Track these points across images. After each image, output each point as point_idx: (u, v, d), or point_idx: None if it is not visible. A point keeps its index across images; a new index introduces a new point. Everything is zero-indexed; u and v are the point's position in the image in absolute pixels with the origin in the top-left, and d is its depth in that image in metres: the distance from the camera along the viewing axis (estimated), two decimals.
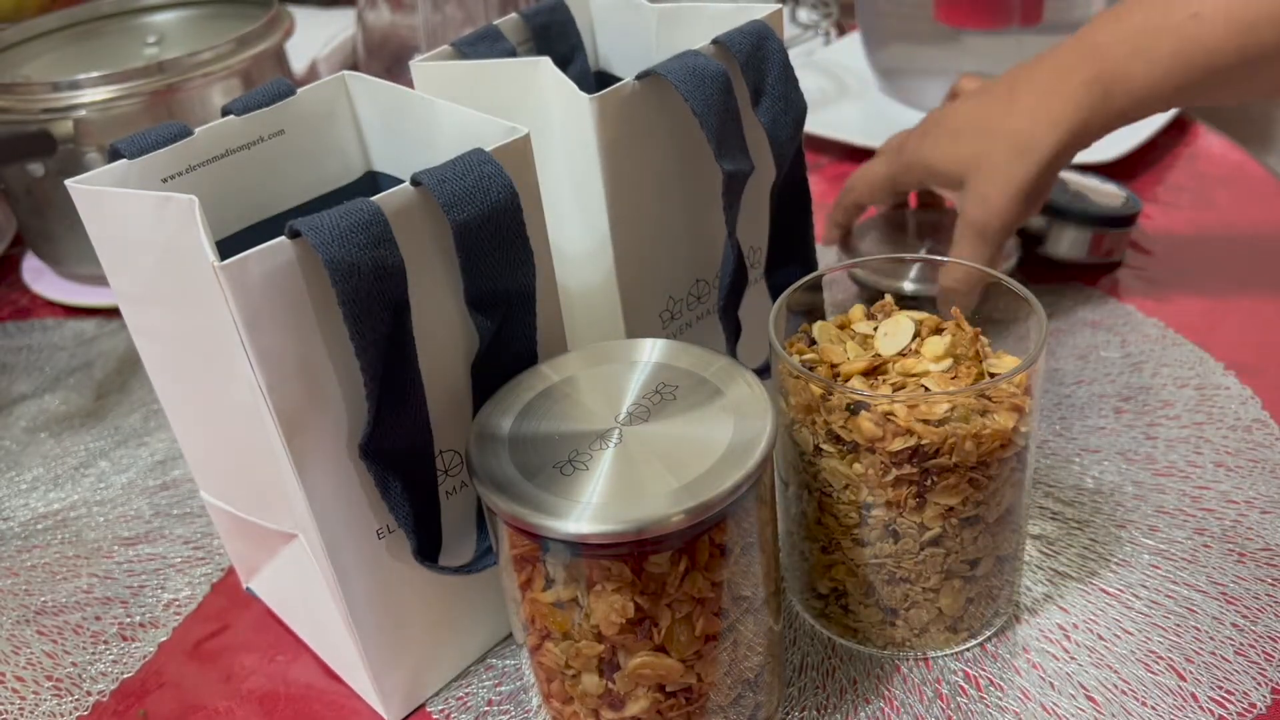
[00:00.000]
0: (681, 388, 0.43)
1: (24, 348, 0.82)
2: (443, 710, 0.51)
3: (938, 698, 0.48)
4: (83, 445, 0.71)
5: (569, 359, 0.46)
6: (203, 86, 0.80)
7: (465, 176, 0.41)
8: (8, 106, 0.78)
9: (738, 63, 0.49)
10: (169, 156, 0.46)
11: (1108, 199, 0.74)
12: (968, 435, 0.43)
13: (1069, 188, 0.74)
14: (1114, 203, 0.73)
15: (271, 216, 0.50)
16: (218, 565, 0.60)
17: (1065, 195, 0.73)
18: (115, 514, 0.65)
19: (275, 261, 0.38)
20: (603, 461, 0.40)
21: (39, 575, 0.61)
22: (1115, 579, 0.53)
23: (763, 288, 0.57)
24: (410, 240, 0.40)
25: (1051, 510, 0.57)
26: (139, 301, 0.46)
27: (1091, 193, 0.74)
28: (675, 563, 0.40)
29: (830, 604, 0.51)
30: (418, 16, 0.96)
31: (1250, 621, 0.50)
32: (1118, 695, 0.47)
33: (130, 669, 0.55)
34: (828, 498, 0.47)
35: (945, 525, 0.45)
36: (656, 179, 0.50)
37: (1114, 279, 0.74)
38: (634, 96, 0.48)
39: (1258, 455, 0.59)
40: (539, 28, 0.57)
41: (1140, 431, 0.61)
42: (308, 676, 0.53)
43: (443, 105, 0.46)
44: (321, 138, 0.51)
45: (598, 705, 0.43)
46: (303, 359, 0.40)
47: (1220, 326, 0.68)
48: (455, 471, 0.47)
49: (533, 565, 0.41)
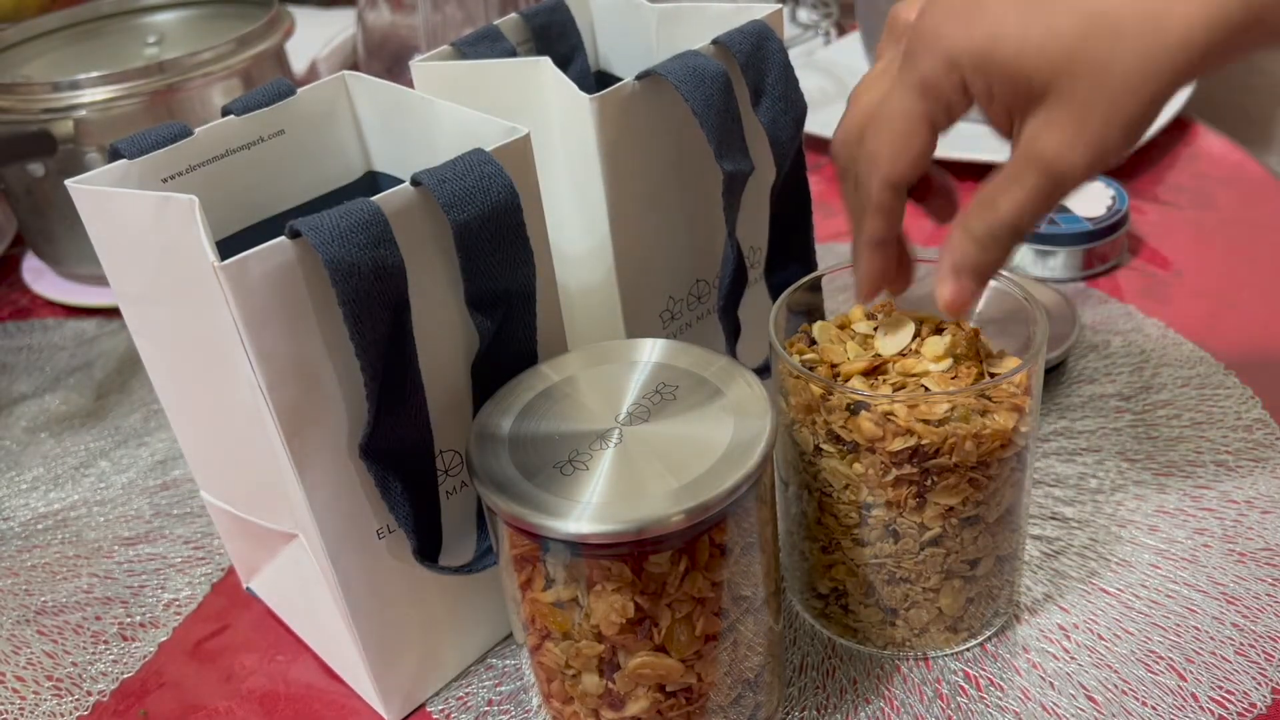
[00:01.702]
0: (681, 388, 0.43)
1: (24, 348, 0.82)
2: (443, 710, 0.51)
3: (938, 698, 0.48)
4: (83, 445, 0.71)
5: (569, 359, 0.46)
6: (203, 86, 0.80)
7: (465, 176, 0.41)
8: (8, 106, 0.78)
9: (738, 63, 0.49)
10: (169, 156, 0.46)
11: (1093, 205, 0.73)
12: (968, 435, 0.43)
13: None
14: (1099, 209, 0.73)
15: (271, 216, 0.50)
16: (218, 565, 0.60)
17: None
18: (115, 514, 0.65)
19: (275, 261, 0.38)
20: (603, 461, 0.40)
21: (39, 575, 0.61)
22: (1115, 579, 0.53)
23: (763, 288, 0.57)
24: (410, 240, 0.40)
25: (1051, 510, 0.57)
26: (139, 301, 0.46)
27: (1074, 201, 0.74)
28: (675, 563, 0.40)
29: (830, 604, 0.51)
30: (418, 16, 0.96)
31: (1250, 621, 0.50)
32: (1118, 695, 0.47)
33: (130, 669, 0.55)
34: (828, 498, 0.47)
35: (945, 525, 0.45)
36: (656, 179, 0.50)
37: (1114, 279, 0.74)
38: (634, 96, 0.48)
39: (1258, 455, 0.59)
40: (539, 28, 0.57)
41: (1140, 431, 0.61)
42: (308, 676, 0.53)
43: (443, 105, 0.46)
44: (321, 138, 0.51)
45: (598, 705, 0.43)
46: (303, 359, 0.40)
47: (1220, 326, 0.68)
48: (455, 471, 0.47)
49: (533, 565, 0.41)
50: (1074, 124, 0.38)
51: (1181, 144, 0.89)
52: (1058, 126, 0.38)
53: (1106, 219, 0.72)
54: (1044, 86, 0.38)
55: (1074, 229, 0.72)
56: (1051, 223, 0.72)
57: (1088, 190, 0.75)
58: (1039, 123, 0.39)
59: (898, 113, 0.42)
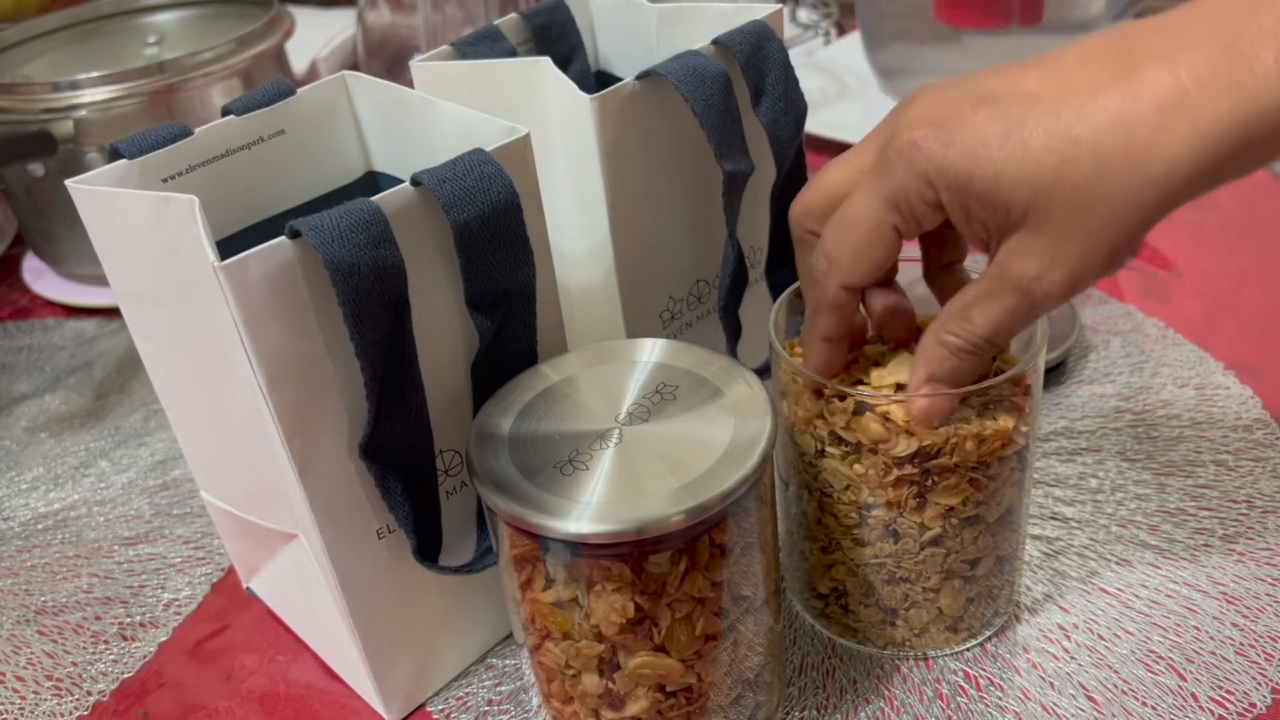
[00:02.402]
0: (681, 388, 0.43)
1: (24, 348, 0.82)
2: (443, 710, 0.51)
3: (938, 697, 0.48)
4: (83, 445, 0.71)
5: (569, 359, 0.46)
6: (203, 86, 0.80)
7: (465, 176, 0.41)
8: (8, 106, 0.78)
9: (738, 63, 0.49)
10: (169, 156, 0.46)
11: None
12: (968, 435, 0.43)
13: None
14: None
15: (271, 216, 0.50)
16: (218, 565, 0.60)
17: None
18: (115, 514, 0.65)
19: (275, 261, 0.38)
20: (603, 461, 0.40)
21: (39, 575, 0.61)
22: (1115, 579, 0.53)
23: (763, 288, 0.57)
24: (410, 240, 0.40)
25: (1051, 510, 0.57)
26: (139, 302, 0.46)
27: None
28: (675, 563, 0.40)
29: (830, 604, 0.51)
30: (418, 16, 0.96)
31: (1250, 621, 0.50)
32: (1118, 695, 0.47)
33: (130, 669, 0.55)
34: (828, 498, 0.47)
35: (945, 525, 0.45)
36: (656, 179, 0.50)
37: (1114, 279, 0.74)
38: (634, 96, 0.48)
39: (1258, 455, 0.59)
40: (539, 28, 0.57)
41: (1140, 431, 0.61)
42: (308, 676, 0.53)
43: (443, 105, 0.46)
44: (321, 138, 0.51)
45: (598, 705, 0.43)
46: (303, 359, 0.40)
47: (1220, 326, 0.68)
48: (455, 471, 0.47)
49: (533, 565, 0.41)
50: (1051, 252, 0.37)
51: None
52: (1035, 254, 0.37)
53: None
54: (1022, 213, 0.37)
55: None
56: None
57: None
58: (1016, 246, 0.38)
59: (864, 219, 0.40)
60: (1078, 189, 0.36)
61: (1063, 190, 0.36)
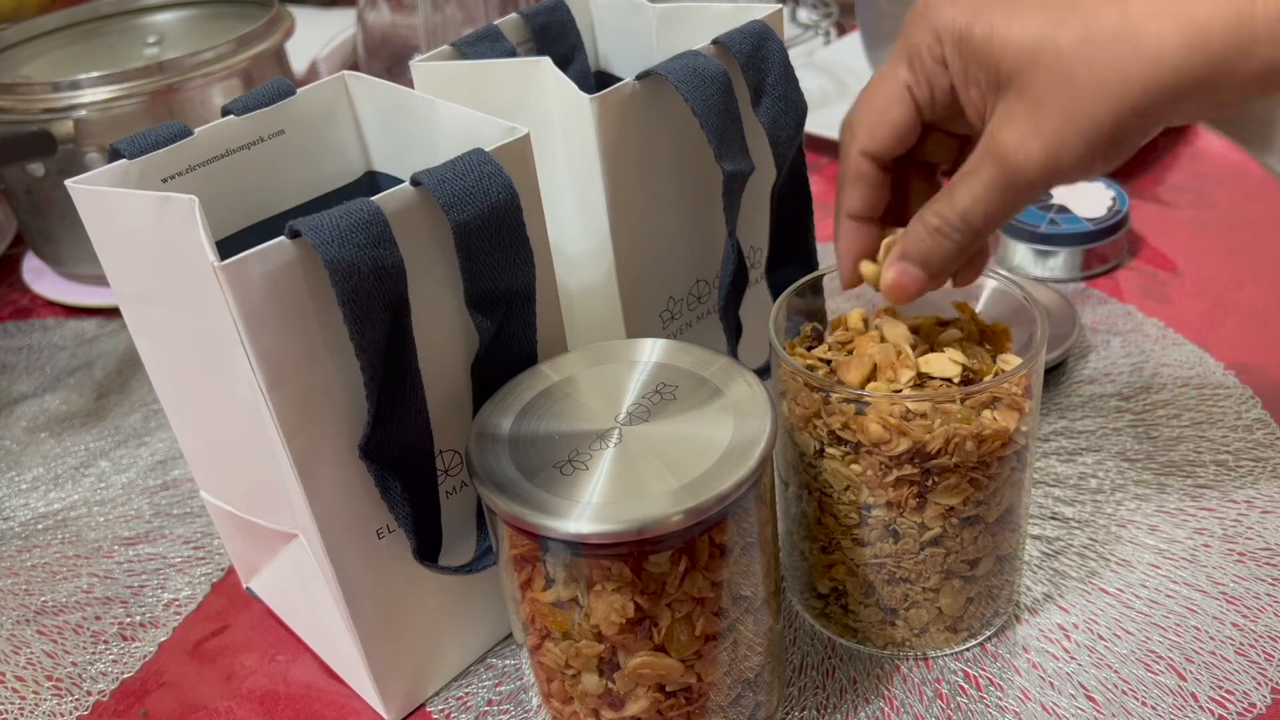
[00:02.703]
0: (681, 388, 0.43)
1: (24, 348, 0.82)
2: (443, 710, 0.51)
3: (938, 697, 0.48)
4: (83, 445, 0.71)
5: (569, 359, 0.46)
6: (203, 86, 0.80)
7: (465, 176, 0.41)
8: (8, 106, 0.78)
9: (738, 63, 0.49)
10: (169, 156, 0.46)
11: (1094, 205, 0.73)
12: (968, 435, 0.43)
13: (1050, 203, 0.73)
14: (1100, 209, 0.73)
15: (271, 216, 0.50)
16: (218, 565, 0.60)
17: (1046, 216, 0.72)
18: (115, 514, 0.65)
19: (275, 261, 0.38)
20: (603, 461, 0.40)
21: (39, 575, 0.61)
22: (1115, 579, 0.53)
23: (763, 288, 0.57)
24: (410, 240, 0.40)
25: (1051, 510, 0.57)
26: (139, 301, 0.46)
27: (1074, 201, 0.74)
28: (675, 563, 0.40)
29: (830, 604, 0.51)
30: (418, 16, 0.96)
31: (1250, 621, 0.50)
32: (1118, 695, 0.47)
33: (130, 669, 0.55)
34: (828, 498, 0.47)
35: (945, 525, 0.45)
36: (657, 179, 0.50)
37: (1114, 279, 0.74)
38: (634, 96, 0.48)
39: (1258, 455, 0.59)
40: (539, 28, 0.57)
41: (1140, 431, 0.61)
42: (308, 676, 0.53)
43: (443, 105, 0.46)
44: (321, 138, 0.51)
45: (598, 705, 0.43)
46: (303, 359, 0.40)
47: (1220, 326, 0.68)
48: (455, 471, 0.47)
49: (533, 565, 0.41)
50: (1032, 118, 0.38)
51: (1181, 144, 0.89)
52: (1017, 121, 0.38)
53: (1107, 220, 0.72)
54: (1009, 75, 0.38)
55: (1074, 229, 0.72)
56: (1052, 223, 0.72)
57: (1088, 191, 0.75)
58: (1001, 113, 0.39)
59: (881, 82, 0.43)
60: (1061, 53, 0.37)
61: (1048, 52, 0.37)
